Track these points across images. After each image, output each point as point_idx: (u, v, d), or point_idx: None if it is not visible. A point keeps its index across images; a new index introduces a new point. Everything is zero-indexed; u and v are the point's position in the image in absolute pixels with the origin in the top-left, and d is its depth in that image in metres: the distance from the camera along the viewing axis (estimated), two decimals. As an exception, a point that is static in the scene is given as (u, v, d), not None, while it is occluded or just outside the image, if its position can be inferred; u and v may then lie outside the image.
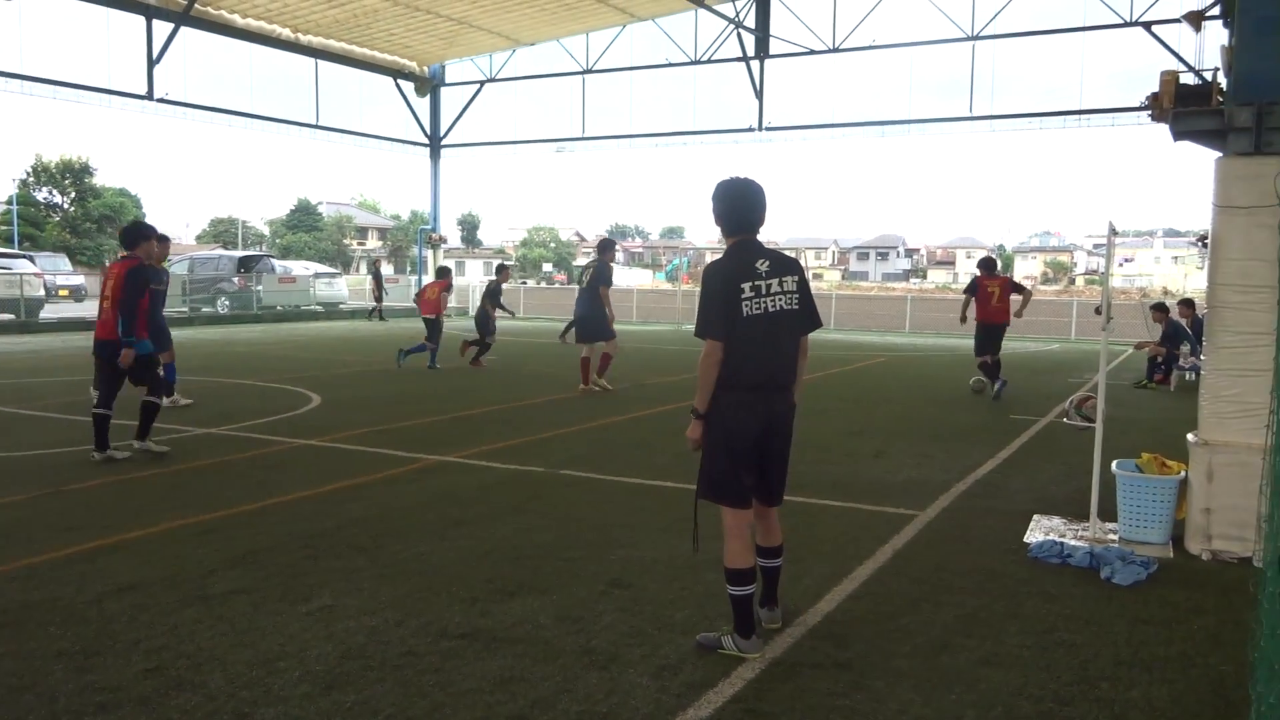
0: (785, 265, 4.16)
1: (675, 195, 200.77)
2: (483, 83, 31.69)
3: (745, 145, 28.76)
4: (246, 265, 30.87)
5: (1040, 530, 6.13)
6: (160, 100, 24.44)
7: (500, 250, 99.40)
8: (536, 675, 3.86)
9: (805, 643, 4.26)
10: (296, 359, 17.05)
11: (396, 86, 31.51)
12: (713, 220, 4.23)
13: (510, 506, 6.61)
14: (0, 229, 50.98)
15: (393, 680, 3.81)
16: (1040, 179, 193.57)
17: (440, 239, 34.75)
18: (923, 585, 5.07)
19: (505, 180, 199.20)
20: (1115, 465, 6.14)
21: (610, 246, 13.07)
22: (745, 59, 26.96)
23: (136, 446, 8.08)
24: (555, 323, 30.91)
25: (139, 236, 8.26)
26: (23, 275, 24.01)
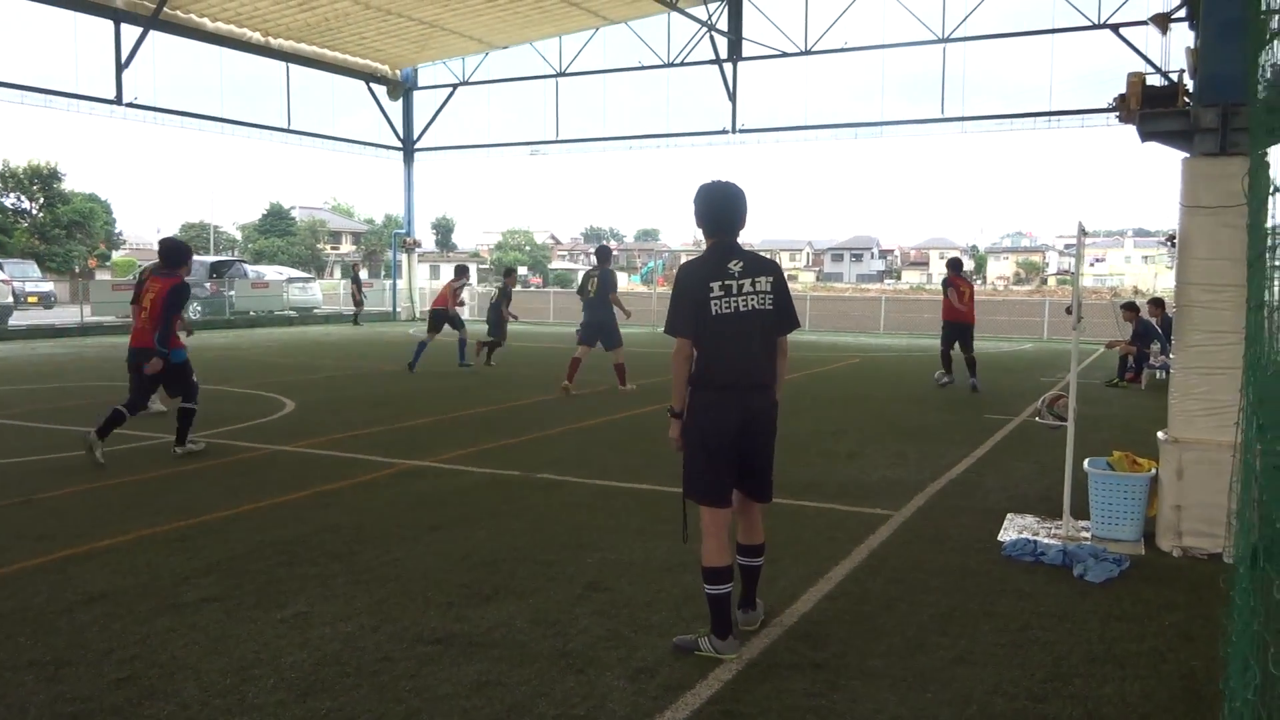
0: (760, 266, 4.19)
1: (650, 198, 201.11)
2: (455, 86, 31.58)
3: (719, 147, 28.92)
4: (218, 270, 30.60)
5: (1014, 529, 6.18)
6: (129, 105, 24.17)
7: (475, 254, 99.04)
8: (513, 679, 3.85)
9: (782, 643, 4.27)
10: (270, 364, 16.93)
11: (369, 90, 31.35)
12: (695, 222, 4.29)
13: (487, 511, 6.59)
14: (-34, 235, 50.32)
15: (369, 686, 3.78)
16: (1012, 180, 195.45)
17: (414, 243, 34.61)
18: (898, 585, 5.10)
19: (479, 183, 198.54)
20: (1087, 463, 6.20)
21: (610, 254, 14.09)
22: (718, 61, 27.03)
23: (178, 451, 8.34)
24: (530, 326, 30.87)
25: (184, 255, 8.54)
26: (-10, 282, 23.70)
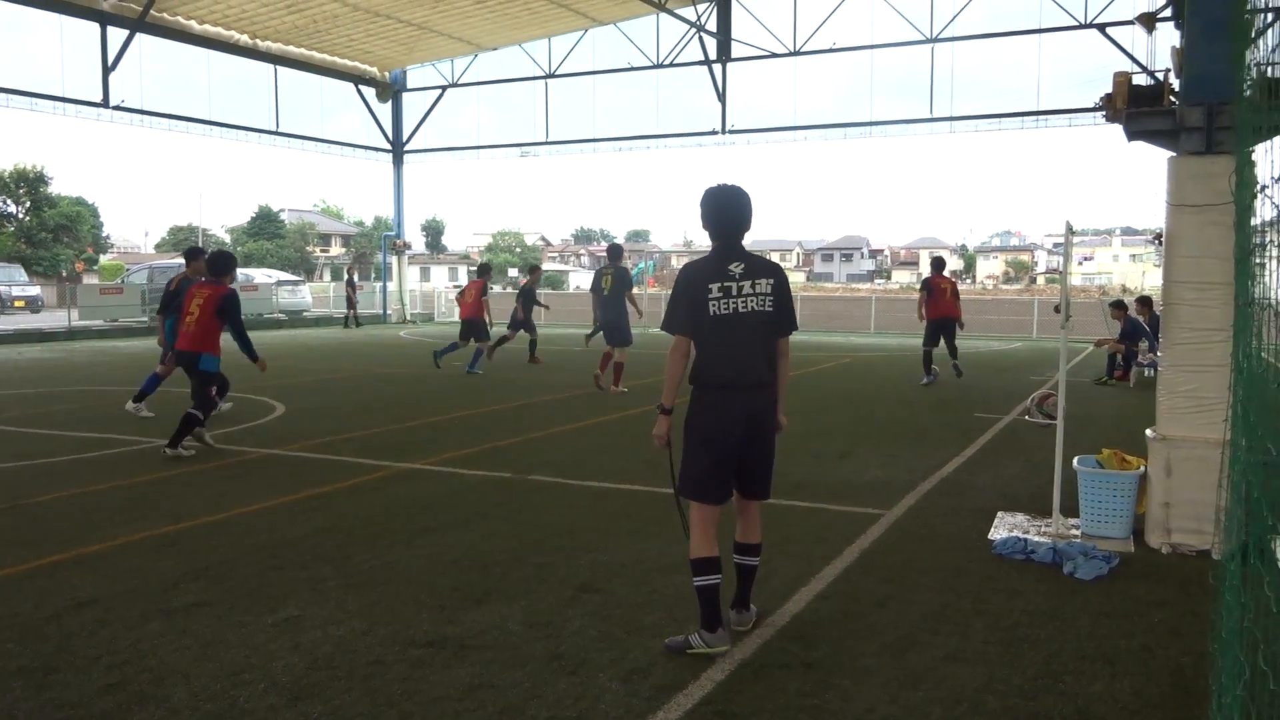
0: (762, 269, 4.25)
1: (640, 198, 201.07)
2: (444, 88, 31.54)
3: (709, 148, 28.92)
4: (207, 273, 30.45)
5: (1004, 527, 6.20)
6: (116, 108, 24.07)
7: (465, 256, 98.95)
8: (505, 682, 3.85)
9: (774, 643, 4.28)
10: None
11: (358, 92, 31.29)
12: (701, 224, 4.39)
13: (478, 513, 6.58)
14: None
15: (360, 690, 3.78)
16: (1000, 179, 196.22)
17: (405, 245, 34.56)
18: (889, 584, 5.11)
19: (469, 185, 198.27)
20: (1076, 461, 6.22)
21: (622, 253, 14.26)
22: (707, 62, 27.05)
23: (168, 453, 8.33)
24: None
25: (231, 265, 8.90)
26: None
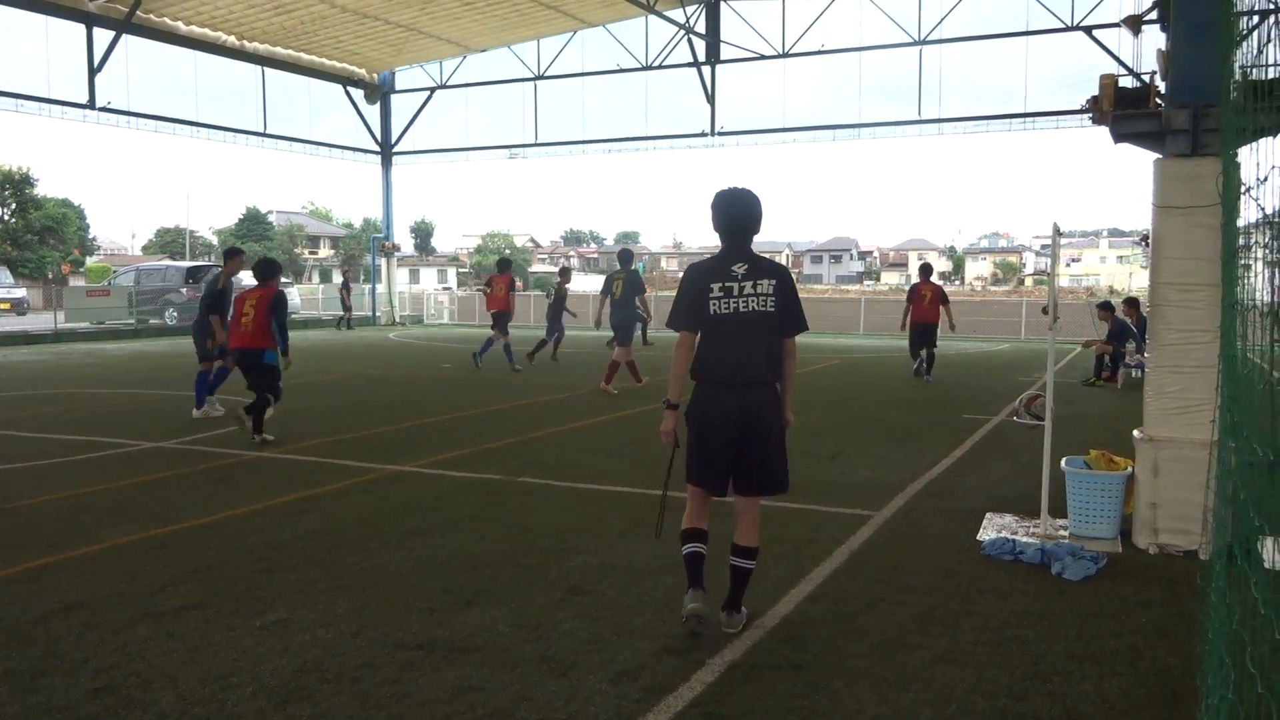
0: (765, 270, 4.36)
1: (630, 200, 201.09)
2: (433, 89, 31.50)
3: (698, 150, 28.93)
4: (195, 276, 30.29)
5: (993, 528, 6.22)
6: (103, 109, 23.96)
7: (454, 258, 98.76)
8: (495, 684, 3.84)
9: (764, 645, 4.28)
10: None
11: (346, 94, 31.21)
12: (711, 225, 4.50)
13: (467, 515, 6.57)
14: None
15: (350, 693, 3.76)
16: (988, 181, 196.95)
17: (394, 247, 34.47)
18: (879, 585, 5.13)
19: (458, 187, 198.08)
20: (1064, 462, 6.25)
21: (632, 257, 14.50)
22: (696, 64, 27.08)
23: (257, 439, 9.15)
24: (512, 330, 30.76)
25: (276, 270, 9.65)
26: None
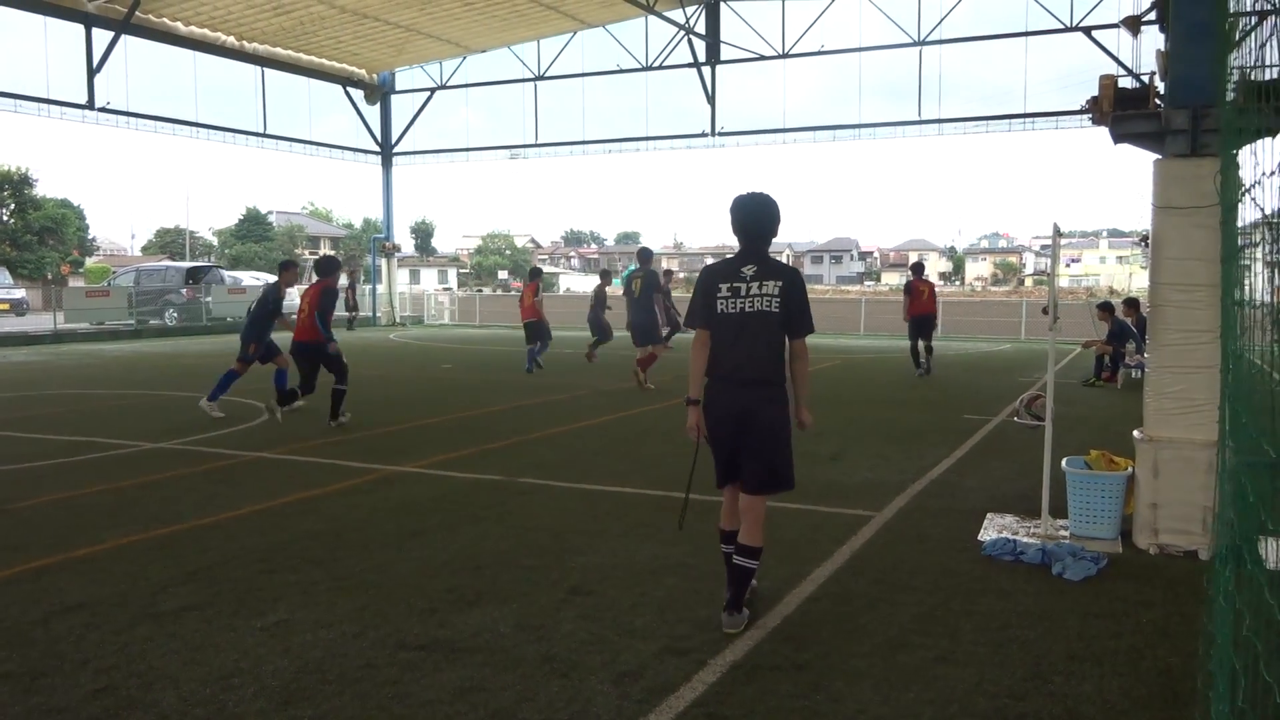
0: (772, 271, 4.46)
1: (630, 200, 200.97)
2: (433, 90, 31.50)
3: (698, 150, 28.94)
4: (195, 276, 30.37)
5: (993, 528, 6.22)
6: (102, 109, 23.96)
7: (455, 258, 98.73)
8: (497, 685, 3.84)
9: (765, 645, 4.29)
10: (248, 371, 16.74)
11: (346, 94, 31.21)
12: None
13: (468, 516, 6.57)
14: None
15: (351, 694, 3.77)
16: (988, 181, 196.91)
17: (394, 247, 34.47)
18: (880, 585, 5.13)
19: (459, 187, 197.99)
20: (1065, 462, 6.24)
21: (651, 256, 14.83)
22: (696, 65, 27.09)
23: (332, 425, 10.26)
24: (513, 331, 30.78)
25: (335, 266, 11.00)
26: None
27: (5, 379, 15.30)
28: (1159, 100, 6.23)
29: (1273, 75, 2.51)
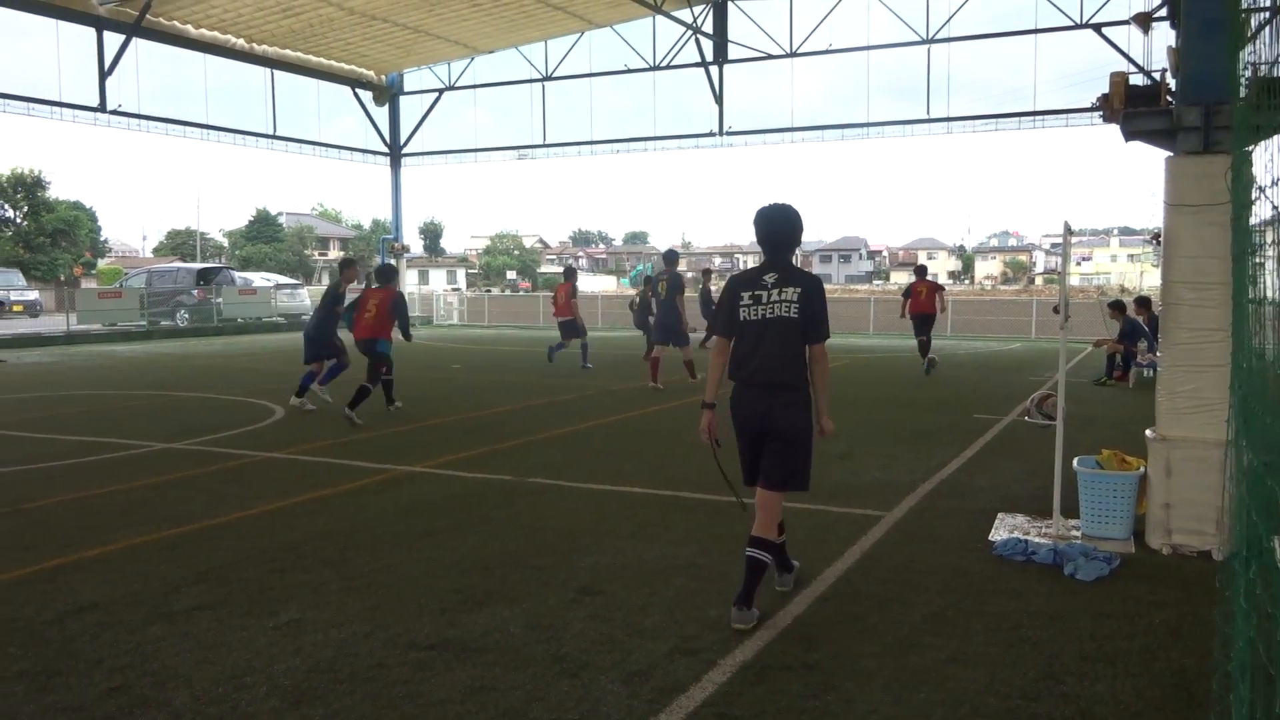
0: (792, 279, 4.59)
1: (638, 200, 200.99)
2: (441, 91, 31.57)
3: (706, 150, 28.93)
4: (205, 277, 30.46)
5: (1004, 528, 6.19)
6: (113, 112, 24.09)
7: (464, 259, 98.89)
8: (507, 684, 3.84)
9: (775, 645, 4.28)
10: (258, 371, 16.85)
11: (355, 95, 31.31)
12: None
13: (478, 516, 6.58)
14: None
15: (362, 693, 3.77)
16: (998, 180, 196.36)
17: (403, 248, 34.56)
18: (890, 585, 5.11)
19: (467, 188, 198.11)
20: (1076, 462, 6.22)
21: (677, 258, 15.16)
22: (704, 64, 27.08)
23: (348, 412, 10.44)
24: (521, 331, 30.82)
25: (395, 274, 11.61)
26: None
27: (19, 380, 15.38)
28: (1170, 97, 6.19)
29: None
